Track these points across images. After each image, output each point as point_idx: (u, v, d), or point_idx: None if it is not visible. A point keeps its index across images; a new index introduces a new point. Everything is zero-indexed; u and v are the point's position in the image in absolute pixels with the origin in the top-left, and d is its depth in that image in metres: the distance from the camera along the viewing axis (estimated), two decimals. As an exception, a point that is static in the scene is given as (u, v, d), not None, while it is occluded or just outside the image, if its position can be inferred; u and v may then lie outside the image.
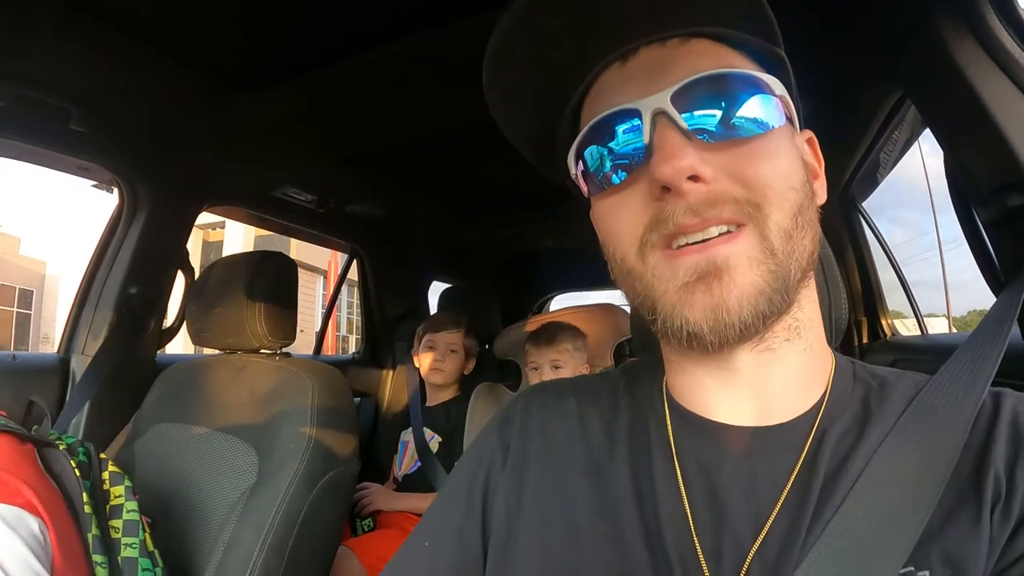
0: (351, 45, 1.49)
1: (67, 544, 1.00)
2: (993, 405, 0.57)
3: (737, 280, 0.53)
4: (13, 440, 1.04)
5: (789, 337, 0.60)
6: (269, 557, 1.34)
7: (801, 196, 0.57)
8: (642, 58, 0.60)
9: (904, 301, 2.31)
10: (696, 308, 0.54)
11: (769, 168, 0.55)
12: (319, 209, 2.61)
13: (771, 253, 0.54)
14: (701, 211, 0.54)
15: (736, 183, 0.55)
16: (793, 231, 0.55)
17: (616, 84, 0.61)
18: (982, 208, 1.15)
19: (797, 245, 0.55)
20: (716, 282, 0.53)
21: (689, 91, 0.56)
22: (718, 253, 0.53)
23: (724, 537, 0.56)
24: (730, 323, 0.53)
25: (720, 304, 0.53)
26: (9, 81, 1.40)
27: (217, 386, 1.71)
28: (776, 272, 0.54)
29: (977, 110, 1.07)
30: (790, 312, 0.59)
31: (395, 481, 2.58)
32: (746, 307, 0.53)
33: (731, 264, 0.53)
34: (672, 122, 0.55)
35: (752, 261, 0.54)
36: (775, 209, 0.54)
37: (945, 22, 1.10)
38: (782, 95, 0.59)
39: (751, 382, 0.61)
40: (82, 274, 2.04)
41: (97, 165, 1.86)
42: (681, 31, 0.59)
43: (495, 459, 0.73)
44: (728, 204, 0.54)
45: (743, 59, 0.60)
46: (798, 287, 0.57)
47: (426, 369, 2.64)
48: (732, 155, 0.55)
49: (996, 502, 0.51)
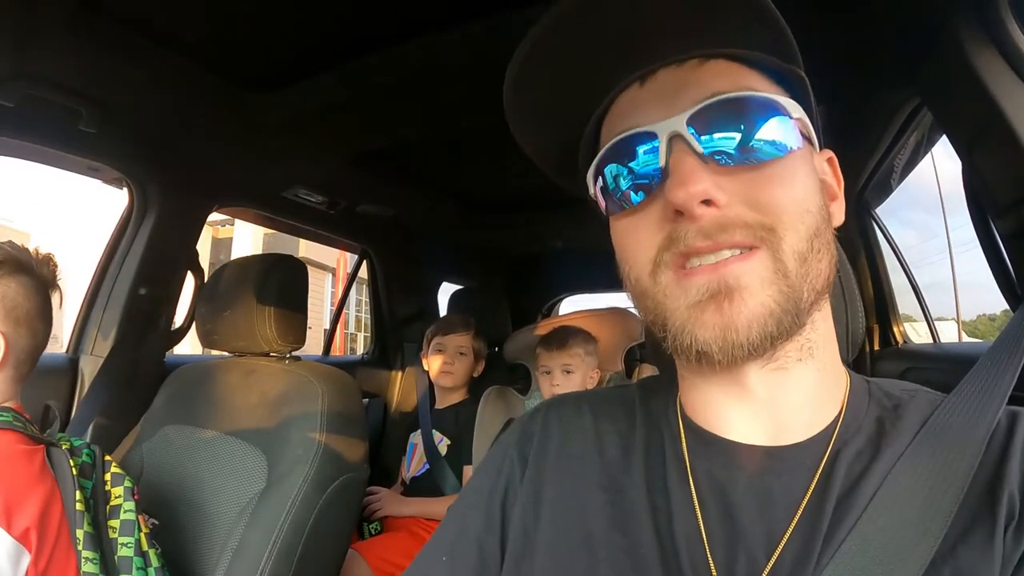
0: (362, 46, 1.48)
1: (51, 537, 1.06)
2: (1008, 425, 0.57)
3: (747, 300, 0.53)
4: (26, 441, 1.12)
5: (801, 357, 0.59)
6: (277, 564, 1.34)
7: (817, 219, 0.57)
8: (660, 80, 0.60)
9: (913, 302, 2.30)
10: (706, 326, 0.54)
11: (784, 192, 0.55)
12: (329, 210, 2.61)
13: (783, 275, 0.54)
14: (713, 235, 0.54)
15: (750, 208, 0.55)
16: (808, 254, 0.55)
17: (634, 106, 0.61)
18: (999, 219, 1.14)
19: (812, 268, 0.55)
20: (727, 301, 0.53)
21: (705, 114, 0.56)
22: (730, 273, 0.54)
23: (738, 555, 0.56)
24: (738, 343, 0.53)
25: (729, 324, 0.53)
26: (19, 82, 1.40)
27: (227, 389, 1.71)
28: (787, 294, 0.54)
29: (996, 120, 1.06)
30: (802, 333, 0.58)
31: (403, 483, 2.58)
32: (755, 327, 0.53)
33: (742, 284, 0.53)
34: (688, 145, 0.56)
35: (764, 282, 0.54)
36: (789, 232, 0.54)
37: (965, 31, 1.09)
38: (800, 117, 0.59)
39: (763, 401, 0.60)
40: (92, 272, 2.04)
41: (107, 166, 1.86)
42: (699, 52, 0.59)
43: (514, 471, 0.73)
44: (740, 228, 0.54)
45: (762, 79, 0.60)
46: (811, 309, 0.57)
47: (436, 372, 2.63)
48: (747, 179, 0.55)
49: (1009, 522, 0.51)
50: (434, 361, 2.65)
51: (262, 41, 1.49)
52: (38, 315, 1.22)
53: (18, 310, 1.18)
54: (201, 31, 1.43)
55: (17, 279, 1.19)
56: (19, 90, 1.42)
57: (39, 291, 1.23)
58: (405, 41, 1.46)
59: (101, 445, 1.27)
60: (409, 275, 3.40)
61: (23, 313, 1.18)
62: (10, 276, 1.18)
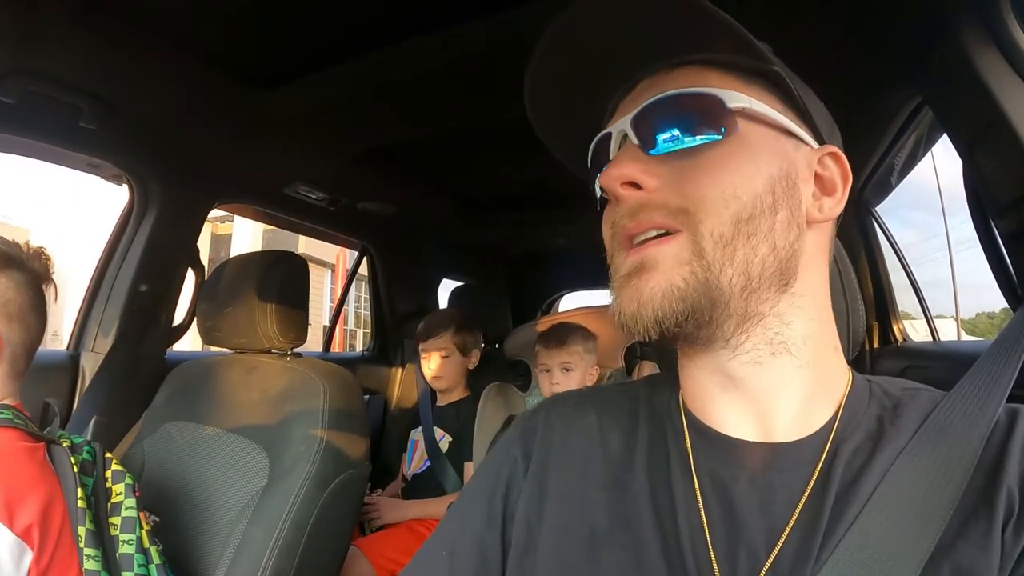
0: (363, 43, 1.48)
1: (53, 534, 1.07)
2: (1008, 422, 0.57)
3: (656, 278, 0.58)
4: (27, 439, 1.12)
5: (775, 352, 0.61)
6: (280, 559, 1.34)
7: (749, 205, 0.58)
8: (638, 88, 0.66)
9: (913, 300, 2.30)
10: (624, 299, 0.60)
11: (707, 178, 0.59)
12: (330, 207, 2.61)
13: (698, 256, 0.57)
14: (636, 214, 0.60)
15: (674, 192, 0.59)
16: (733, 238, 0.58)
17: (616, 113, 0.68)
18: (1000, 219, 1.14)
19: (739, 252, 0.58)
20: (637, 278, 0.59)
21: (647, 113, 0.62)
22: (648, 253, 0.59)
23: (739, 550, 0.57)
24: (645, 316, 0.58)
25: (636, 296, 0.59)
26: (20, 78, 1.40)
27: (228, 386, 1.71)
28: (698, 274, 0.57)
29: (997, 120, 1.06)
30: (764, 324, 0.61)
31: (404, 480, 2.58)
32: (658, 302, 0.57)
33: (656, 263, 0.58)
34: (631, 141, 0.63)
35: (676, 261, 0.58)
36: (710, 216, 0.58)
37: (967, 30, 1.09)
38: (746, 108, 0.61)
39: (748, 393, 0.63)
40: (93, 269, 2.04)
41: (107, 162, 1.86)
42: (675, 60, 0.65)
43: (516, 468, 0.73)
44: (659, 209, 0.59)
45: (727, 77, 0.63)
46: (746, 295, 0.59)
47: (428, 378, 2.64)
48: (676, 167, 0.60)
49: (1009, 518, 0.51)
50: (424, 366, 2.65)
51: (264, 38, 1.49)
52: (31, 310, 1.21)
53: (10, 305, 1.17)
54: (203, 27, 1.42)
55: (7, 274, 1.18)
56: (20, 86, 1.41)
57: (31, 285, 1.22)
58: (407, 39, 1.46)
59: (102, 442, 1.27)
60: (409, 272, 3.40)
61: (15, 308, 1.18)
62: (0, 271, 1.18)
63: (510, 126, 0.75)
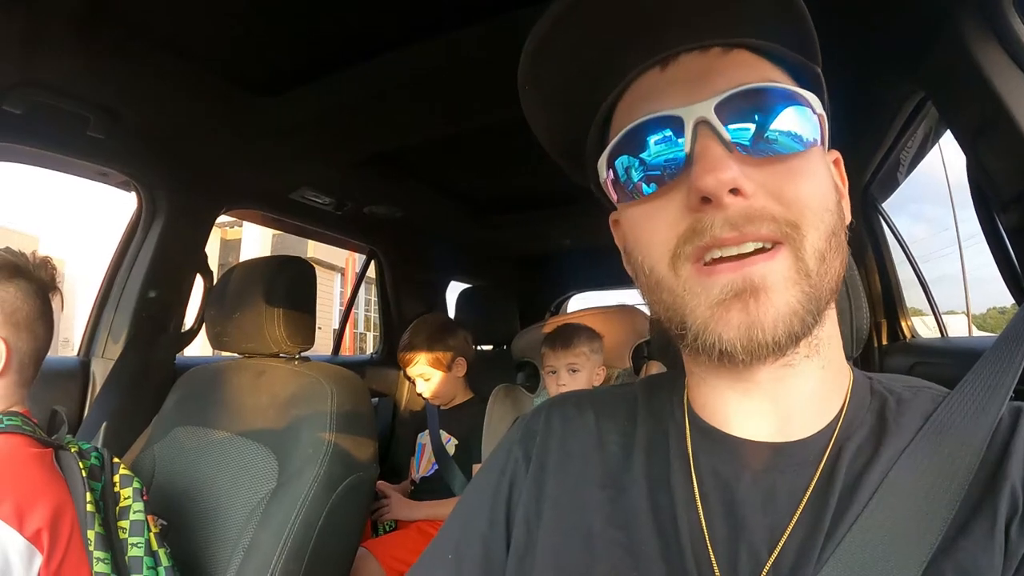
0: (368, 48, 1.49)
1: (63, 539, 1.08)
2: (1012, 420, 0.57)
3: (774, 300, 0.53)
4: (36, 445, 1.14)
5: (809, 354, 0.59)
6: (289, 562, 1.34)
7: (835, 218, 0.56)
8: (683, 65, 0.59)
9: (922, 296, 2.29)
10: (731, 326, 0.53)
11: (808, 187, 0.55)
12: (337, 211, 2.62)
13: (806, 274, 0.54)
14: (740, 225, 0.53)
15: (775, 200, 0.54)
16: (827, 253, 0.55)
17: (656, 89, 0.60)
18: (1004, 213, 1.14)
19: (830, 267, 0.55)
20: (753, 301, 0.53)
21: (733, 102, 0.55)
22: (754, 272, 0.53)
23: (740, 550, 0.56)
24: (764, 342, 0.53)
25: (755, 323, 0.53)
26: (27, 89, 1.41)
27: (237, 390, 1.72)
28: (810, 294, 0.54)
29: (999, 114, 1.06)
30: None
31: (412, 483, 2.58)
32: (781, 327, 0.53)
33: (768, 283, 0.53)
34: (715, 132, 0.54)
35: (788, 281, 0.53)
36: (812, 230, 0.54)
37: (968, 25, 1.09)
38: (821, 114, 0.58)
39: (770, 396, 0.60)
40: (102, 275, 2.06)
41: (115, 171, 1.88)
42: (723, 40, 0.58)
43: (518, 469, 0.73)
44: (767, 221, 0.53)
45: (782, 74, 0.59)
46: (827, 309, 0.57)
47: (424, 397, 2.61)
48: (772, 171, 0.55)
49: (1012, 517, 0.51)
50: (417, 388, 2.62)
51: (269, 45, 1.50)
52: (38, 318, 1.23)
53: (17, 314, 1.19)
54: (209, 36, 1.44)
55: (14, 283, 1.20)
56: (27, 97, 1.43)
57: (38, 294, 1.24)
58: (410, 43, 1.47)
59: (112, 447, 1.29)
60: (417, 275, 3.41)
61: (23, 317, 1.20)
62: (7, 281, 1.19)
63: (516, 127, 0.72)
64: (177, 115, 1.72)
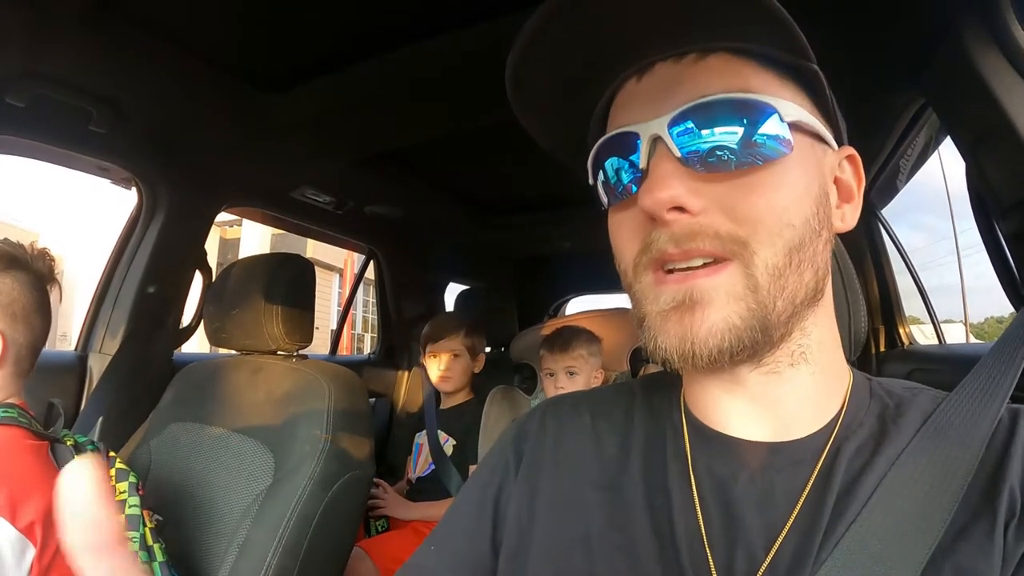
0: (371, 47, 1.49)
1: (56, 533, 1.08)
2: (1010, 422, 0.56)
3: (709, 315, 0.53)
4: (32, 437, 1.13)
5: (794, 362, 0.59)
6: (283, 559, 1.34)
7: (801, 232, 0.55)
8: (656, 75, 0.59)
9: (920, 305, 2.29)
10: (669, 335, 0.55)
11: (763, 202, 0.54)
12: (337, 210, 2.62)
13: (753, 290, 0.54)
14: (682, 242, 0.54)
15: (725, 216, 0.54)
16: (785, 269, 0.54)
17: (628, 102, 0.61)
18: (1003, 220, 1.14)
19: (789, 283, 0.55)
20: (688, 314, 0.54)
21: (688, 116, 0.55)
22: (696, 285, 0.54)
23: (736, 551, 0.56)
24: (697, 354, 0.54)
25: (686, 335, 0.54)
26: (28, 82, 1.41)
27: (234, 387, 1.71)
28: (754, 310, 0.54)
29: (1000, 121, 1.06)
30: (790, 340, 0.59)
31: (409, 483, 2.58)
32: (712, 341, 0.53)
33: (707, 298, 0.54)
34: (667, 149, 0.55)
35: (730, 297, 0.54)
36: (764, 246, 0.54)
37: (970, 32, 1.09)
38: (797, 119, 0.56)
39: (760, 400, 0.61)
40: (101, 271, 2.06)
41: (116, 166, 1.88)
42: (696, 46, 0.57)
43: (509, 469, 0.73)
44: (709, 238, 0.53)
45: (765, 75, 0.57)
46: (789, 322, 0.57)
47: (435, 379, 2.63)
48: (728, 186, 0.54)
49: (1011, 518, 0.51)
50: (431, 367, 2.64)
51: (273, 42, 1.50)
52: (35, 310, 1.23)
53: (14, 306, 1.19)
54: (212, 31, 1.44)
55: (12, 274, 1.20)
56: (29, 90, 1.43)
57: (35, 286, 1.23)
58: (412, 42, 1.47)
59: (109, 442, 1.28)
60: (416, 275, 3.41)
61: (20, 309, 1.19)
62: (4, 272, 1.19)
63: (517, 128, 0.71)
64: (181, 111, 1.72)
